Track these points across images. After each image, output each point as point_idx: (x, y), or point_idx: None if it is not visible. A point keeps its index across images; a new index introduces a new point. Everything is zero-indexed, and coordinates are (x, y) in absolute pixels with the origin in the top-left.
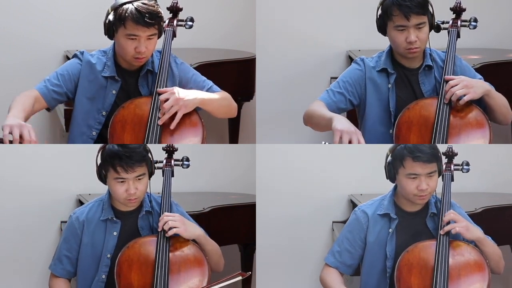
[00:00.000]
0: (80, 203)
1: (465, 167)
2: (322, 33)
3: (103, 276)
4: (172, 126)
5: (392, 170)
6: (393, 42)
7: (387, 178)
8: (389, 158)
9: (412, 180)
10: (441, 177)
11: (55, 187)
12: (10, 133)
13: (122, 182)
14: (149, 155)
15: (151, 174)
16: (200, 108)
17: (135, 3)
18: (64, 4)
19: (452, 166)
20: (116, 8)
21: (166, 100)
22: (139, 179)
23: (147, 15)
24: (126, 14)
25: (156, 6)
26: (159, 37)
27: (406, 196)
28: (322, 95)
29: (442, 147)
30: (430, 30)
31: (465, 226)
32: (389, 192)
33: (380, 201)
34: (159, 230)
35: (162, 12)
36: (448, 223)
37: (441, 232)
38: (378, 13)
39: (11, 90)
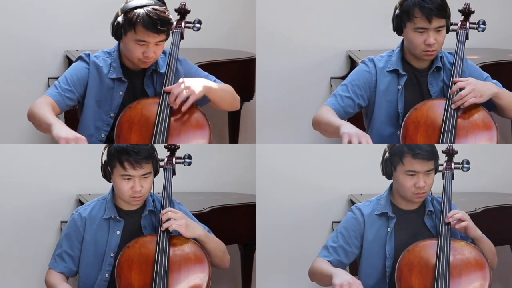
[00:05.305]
0: (80, 203)
1: (465, 165)
2: (322, 33)
3: (107, 275)
4: (184, 108)
5: (389, 167)
6: (411, 43)
7: (383, 174)
8: (387, 154)
9: (411, 177)
10: (441, 175)
11: (55, 187)
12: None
13: (128, 179)
14: (156, 154)
15: (155, 173)
16: (208, 100)
17: (146, 8)
18: (64, 4)
19: (452, 165)
20: (126, 12)
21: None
22: (145, 177)
23: (158, 22)
24: (138, 20)
25: (167, 12)
26: (165, 40)
27: (403, 193)
28: (330, 99)
29: (442, 146)
30: (446, 33)
31: (472, 224)
32: (385, 192)
33: (376, 201)
34: (163, 222)
35: (172, 17)
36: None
37: (446, 220)
38: (396, 13)
39: (11, 90)
